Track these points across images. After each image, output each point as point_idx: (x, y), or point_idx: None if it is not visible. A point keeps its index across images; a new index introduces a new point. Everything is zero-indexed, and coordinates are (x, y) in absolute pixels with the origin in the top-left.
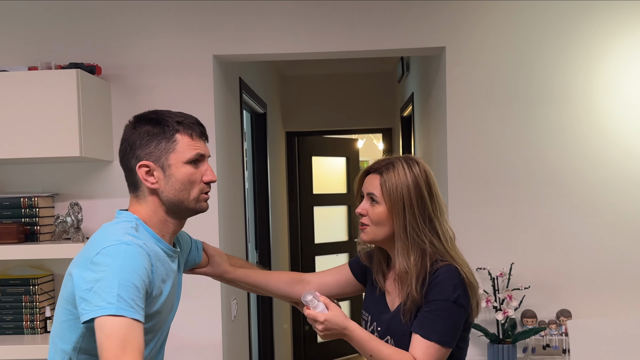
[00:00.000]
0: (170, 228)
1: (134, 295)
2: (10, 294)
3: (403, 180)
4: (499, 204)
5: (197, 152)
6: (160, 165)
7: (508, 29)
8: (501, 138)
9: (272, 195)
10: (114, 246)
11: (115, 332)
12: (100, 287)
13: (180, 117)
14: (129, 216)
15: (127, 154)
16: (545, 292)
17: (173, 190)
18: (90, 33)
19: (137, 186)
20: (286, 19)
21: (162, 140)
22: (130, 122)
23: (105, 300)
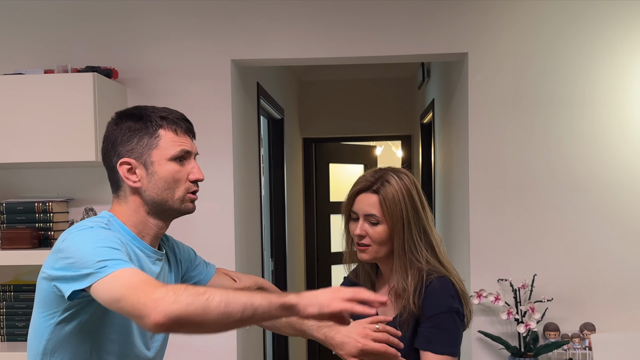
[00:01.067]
0: (152, 229)
1: (118, 254)
2: (23, 300)
3: (400, 196)
4: (521, 213)
5: (182, 148)
6: (142, 163)
7: (532, 35)
8: (524, 146)
9: (288, 202)
10: (79, 230)
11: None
12: (79, 263)
13: (164, 112)
14: (102, 214)
15: (109, 151)
16: (569, 305)
17: (156, 189)
18: (107, 36)
19: (118, 185)
20: (305, 24)
21: (145, 136)
22: (112, 118)
23: (90, 268)
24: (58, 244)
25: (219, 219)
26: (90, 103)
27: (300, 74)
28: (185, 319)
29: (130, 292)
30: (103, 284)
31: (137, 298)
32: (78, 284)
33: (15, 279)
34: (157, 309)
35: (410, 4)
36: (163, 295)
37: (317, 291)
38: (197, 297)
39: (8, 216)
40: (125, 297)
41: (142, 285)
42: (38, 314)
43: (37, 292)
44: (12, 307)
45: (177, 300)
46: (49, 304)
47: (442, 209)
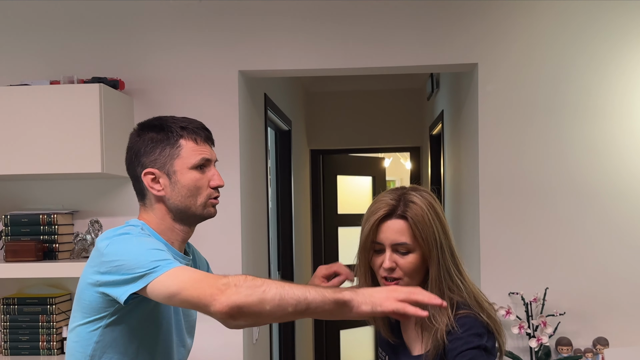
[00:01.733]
0: (179, 235)
1: (167, 255)
2: (27, 313)
3: (428, 216)
4: (532, 225)
5: (203, 156)
6: (165, 172)
7: (542, 45)
8: (535, 157)
9: (295, 214)
10: (120, 235)
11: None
12: (129, 265)
13: (184, 122)
14: (134, 222)
15: (133, 162)
16: (582, 319)
17: (179, 196)
18: (114, 47)
19: (144, 194)
20: (313, 34)
21: (167, 146)
22: (134, 129)
23: (145, 267)
24: (100, 250)
25: (226, 231)
26: (97, 114)
27: (308, 85)
28: (244, 309)
29: (194, 284)
30: (160, 281)
31: (202, 289)
32: (133, 285)
33: (19, 292)
34: (222, 299)
35: (419, 14)
36: (226, 286)
37: (372, 289)
38: (255, 289)
39: (12, 228)
40: (188, 289)
41: (205, 277)
42: (81, 321)
43: (78, 301)
44: (15, 321)
45: (238, 291)
46: (94, 310)
47: (452, 221)
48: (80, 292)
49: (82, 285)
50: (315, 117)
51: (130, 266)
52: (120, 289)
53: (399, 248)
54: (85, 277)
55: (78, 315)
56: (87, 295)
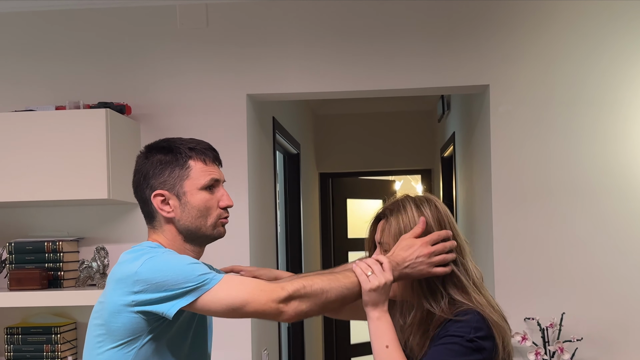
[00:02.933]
0: (191, 255)
1: (208, 268)
2: (31, 343)
3: (410, 222)
4: (548, 248)
5: (212, 177)
6: (175, 194)
7: (554, 66)
8: (549, 179)
9: (305, 239)
10: (153, 256)
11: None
12: (172, 281)
13: (192, 143)
14: (149, 243)
15: (141, 184)
16: (600, 345)
17: (190, 217)
18: (120, 72)
19: (153, 217)
20: (321, 57)
21: (176, 167)
22: (141, 152)
23: (194, 282)
24: (131, 270)
25: (233, 255)
26: (103, 140)
27: (317, 107)
28: (309, 313)
29: (256, 298)
30: (214, 296)
31: (266, 303)
32: (182, 300)
33: (23, 321)
34: (290, 311)
35: (429, 36)
36: (291, 298)
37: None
38: (318, 296)
39: (17, 256)
40: (251, 302)
41: (266, 289)
42: (112, 344)
43: (106, 326)
44: (19, 351)
45: (303, 301)
46: (129, 332)
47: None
48: (109, 316)
49: (111, 309)
50: (324, 140)
51: (176, 281)
52: (166, 305)
53: (381, 245)
54: (115, 301)
55: (107, 339)
56: (121, 319)
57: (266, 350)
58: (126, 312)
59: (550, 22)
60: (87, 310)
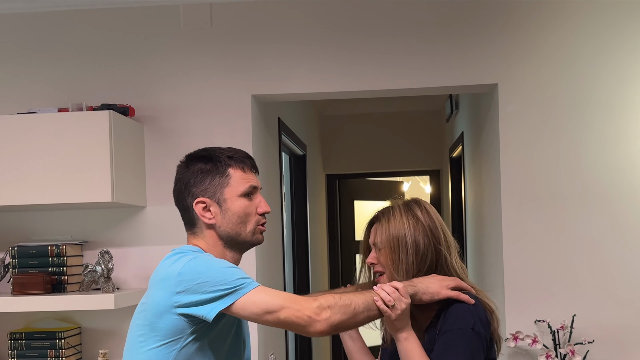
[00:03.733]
0: (230, 261)
1: (246, 274)
2: (35, 348)
3: (398, 223)
4: (558, 249)
5: (250, 184)
6: (216, 201)
7: (564, 65)
8: (559, 179)
9: (311, 242)
10: (195, 257)
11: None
12: (213, 283)
13: (230, 152)
14: (190, 247)
15: (182, 192)
16: (612, 347)
17: (230, 223)
18: (123, 73)
19: (194, 223)
20: (327, 57)
21: (216, 175)
22: (182, 161)
23: (232, 285)
24: (174, 270)
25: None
26: (106, 142)
27: (323, 108)
28: (341, 326)
29: (292, 305)
30: (250, 299)
31: (301, 312)
32: (222, 302)
33: (27, 326)
34: (321, 323)
35: (436, 34)
36: (322, 308)
37: (426, 280)
38: (347, 308)
39: (20, 260)
40: (286, 308)
41: (298, 299)
42: (155, 344)
43: (150, 325)
44: (23, 356)
45: (334, 313)
46: (172, 333)
47: (474, 246)
48: (154, 316)
49: (155, 310)
50: (331, 141)
51: (215, 283)
52: (206, 308)
53: (375, 246)
54: (158, 301)
55: (149, 339)
56: (164, 319)
57: (273, 355)
58: (169, 314)
59: (560, 19)
60: (92, 315)
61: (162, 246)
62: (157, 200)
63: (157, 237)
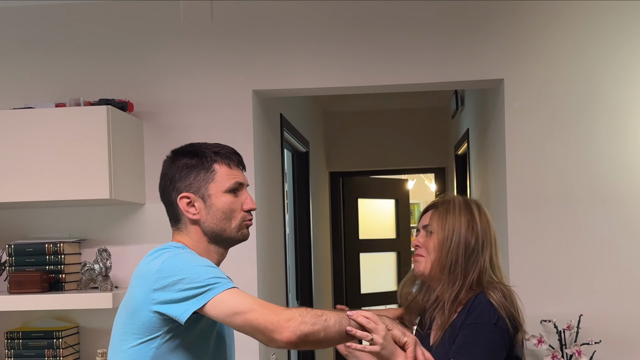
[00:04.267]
0: (214, 257)
1: (223, 274)
2: (32, 348)
3: (457, 215)
4: (565, 248)
5: (236, 180)
6: (200, 196)
7: (571, 60)
8: (566, 176)
9: (314, 240)
10: (175, 254)
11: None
12: (189, 280)
13: (217, 147)
14: (173, 244)
15: (168, 187)
16: (619, 348)
17: (214, 219)
18: (122, 68)
19: (178, 219)
20: (330, 51)
21: (201, 171)
22: (168, 156)
23: (205, 283)
24: (154, 266)
25: (240, 258)
26: (104, 138)
27: (326, 104)
28: (310, 337)
29: (259, 308)
30: (222, 299)
31: (268, 315)
32: (194, 303)
33: (24, 326)
34: (290, 328)
35: (441, 29)
36: (292, 316)
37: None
38: (318, 318)
39: (17, 258)
40: (253, 311)
41: (269, 305)
42: (134, 342)
43: (130, 322)
44: (20, 356)
45: (304, 321)
46: (149, 330)
47: None
48: (132, 313)
49: (133, 306)
50: (335, 137)
51: (190, 280)
52: (179, 307)
53: (426, 229)
54: (136, 298)
55: (128, 337)
56: (140, 316)
57: (274, 355)
58: (145, 310)
59: (568, 13)
60: (90, 314)
61: (161, 244)
62: (156, 198)
63: (156, 235)
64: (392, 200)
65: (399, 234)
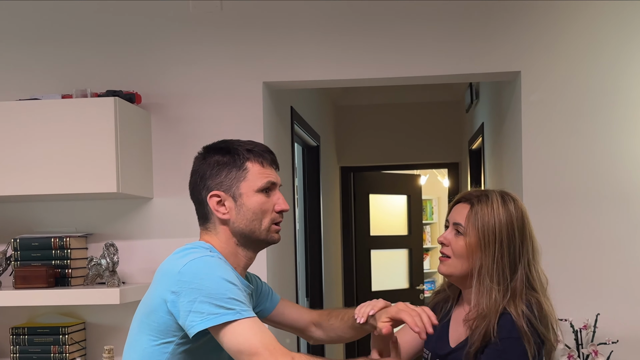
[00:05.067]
0: (242, 261)
1: (243, 297)
2: (38, 344)
3: (495, 216)
4: (581, 245)
5: (269, 180)
6: (231, 195)
7: (590, 51)
8: (583, 172)
9: (325, 236)
10: (200, 257)
11: (251, 334)
12: (208, 294)
13: (250, 145)
14: (202, 244)
15: (198, 185)
16: (637, 348)
17: (244, 220)
18: (130, 59)
19: (207, 218)
20: (342, 43)
21: (233, 169)
22: (199, 153)
23: (224, 305)
24: (176, 267)
25: None
26: (112, 130)
27: (338, 97)
28: None
29: (267, 352)
30: (234, 329)
31: None
32: (205, 321)
33: (29, 321)
34: None
35: (455, 20)
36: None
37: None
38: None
39: (22, 253)
40: (259, 355)
41: (277, 350)
42: (146, 343)
43: (147, 321)
44: (26, 352)
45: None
46: (162, 332)
47: None
48: (150, 311)
49: (151, 305)
50: (346, 132)
51: (208, 294)
52: (190, 319)
53: (457, 227)
54: (156, 296)
55: (144, 337)
56: (157, 316)
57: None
58: (162, 311)
59: (586, 3)
60: (96, 310)
61: (169, 239)
62: (164, 192)
63: (164, 230)
64: (404, 196)
65: (411, 231)
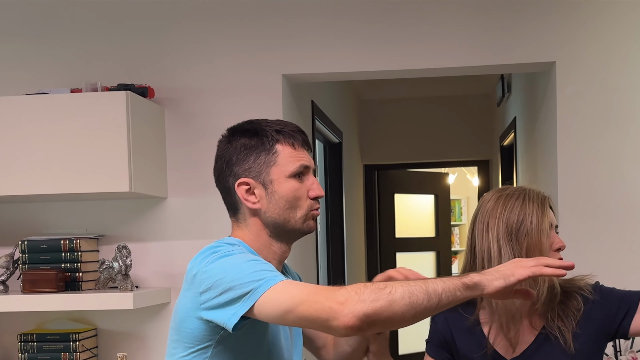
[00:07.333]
0: (276, 254)
1: (271, 267)
2: (47, 351)
3: None
4: (619, 247)
5: (301, 163)
6: (261, 182)
7: (629, 40)
8: (623, 170)
9: (347, 238)
10: (223, 254)
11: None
12: (232, 279)
13: (278, 125)
14: (229, 239)
15: (224, 172)
16: None
17: (277, 209)
18: (142, 51)
19: (236, 208)
20: (365, 33)
21: (262, 152)
22: (223, 135)
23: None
24: (198, 267)
25: None
26: (123, 126)
27: (361, 91)
28: (373, 317)
29: (310, 298)
30: (269, 298)
31: (321, 303)
32: (239, 307)
33: (38, 327)
34: (345, 311)
35: (485, 7)
36: (347, 297)
37: (497, 266)
38: (380, 292)
39: (30, 256)
40: (304, 303)
41: (320, 290)
42: (183, 352)
43: (178, 330)
44: (34, 359)
45: (362, 299)
46: (198, 339)
47: None
48: (180, 320)
49: (183, 312)
50: (370, 127)
51: (231, 280)
52: (225, 313)
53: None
54: (185, 302)
55: (179, 346)
56: (189, 324)
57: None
58: (192, 317)
59: None
60: (108, 315)
61: (185, 241)
62: (179, 191)
63: (179, 231)
64: (432, 196)
65: (439, 233)
